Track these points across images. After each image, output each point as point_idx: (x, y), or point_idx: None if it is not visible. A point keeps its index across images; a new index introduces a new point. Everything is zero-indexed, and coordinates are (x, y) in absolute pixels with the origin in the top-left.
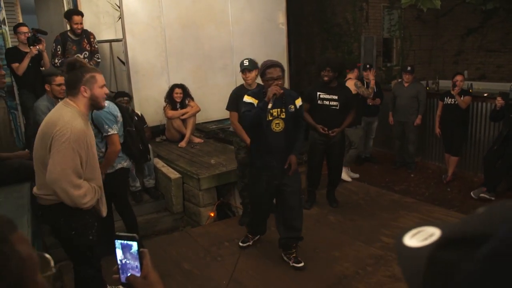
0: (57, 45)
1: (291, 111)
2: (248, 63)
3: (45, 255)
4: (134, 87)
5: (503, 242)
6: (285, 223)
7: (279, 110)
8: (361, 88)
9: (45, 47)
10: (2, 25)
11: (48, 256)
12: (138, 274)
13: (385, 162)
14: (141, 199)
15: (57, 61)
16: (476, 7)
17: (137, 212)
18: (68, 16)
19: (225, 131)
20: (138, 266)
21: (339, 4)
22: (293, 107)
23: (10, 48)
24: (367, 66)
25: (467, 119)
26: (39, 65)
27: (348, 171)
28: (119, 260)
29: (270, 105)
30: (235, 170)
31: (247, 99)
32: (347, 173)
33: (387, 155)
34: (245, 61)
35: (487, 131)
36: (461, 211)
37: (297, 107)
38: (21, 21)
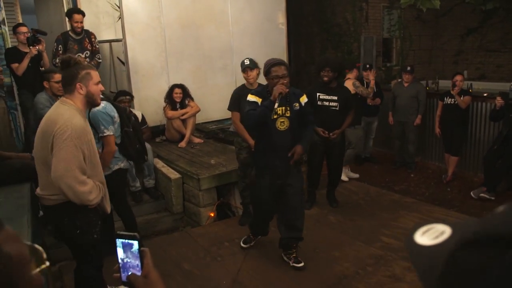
0: (59, 45)
1: (296, 109)
2: (249, 62)
3: (36, 246)
4: (134, 87)
5: None
6: (286, 223)
7: (283, 108)
8: (360, 87)
9: (45, 48)
10: (1, 25)
11: (39, 247)
12: (139, 273)
13: (385, 162)
14: (141, 199)
15: (58, 60)
16: (475, 7)
17: (137, 212)
18: (69, 14)
19: (225, 131)
20: (139, 265)
21: (338, 4)
22: (297, 105)
23: (9, 48)
24: (367, 66)
25: (467, 119)
26: (39, 65)
27: (347, 171)
28: (120, 259)
29: (276, 105)
30: (236, 170)
31: (251, 98)
32: (346, 173)
33: (387, 155)
34: (246, 60)
35: (487, 131)
36: (461, 211)
37: (302, 104)
38: (21, 21)
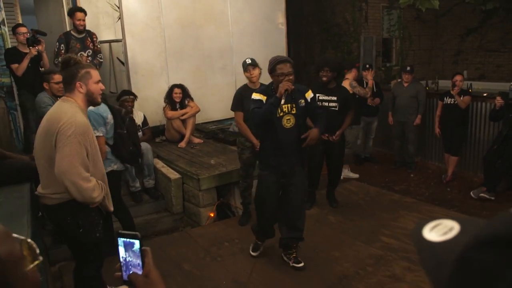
0: (61, 44)
1: (301, 106)
2: (251, 61)
3: (28, 240)
4: (133, 87)
5: None
6: (287, 222)
7: (289, 105)
8: (357, 87)
9: (45, 48)
10: (1, 26)
11: (31, 241)
12: (139, 272)
13: (385, 162)
14: (141, 199)
15: (60, 60)
16: (475, 7)
17: (137, 212)
18: (71, 13)
19: (224, 132)
20: (140, 264)
21: (338, 4)
22: (303, 101)
23: (9, 48)
24: (366, 66)
25: (467, 119)
26: (39, 66)
27: (347, 171)
28: (122, 257)
29: (282, 101)
30: (236, 170)
31: (256, 96)
32: (345, 173)
33: (387, 155)
34: (248, 59)
35: (487, 131)
36: (461, 211)
37: (308, 100)
38: (20, 22)
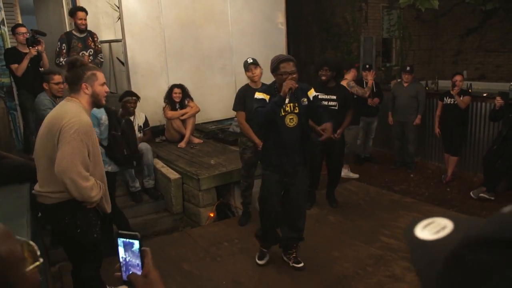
0: (62, 44)
1: (304, 105)
2: (252, 60)
3: (30, 242)
4: (133, 87)
5: None
6: (288, 222)
7: (292, 104)
8: (355, 87)
9: (44, 48)
10: (1, 26)
11: (32, 243)
12: (139, 272)
13: (384, 162)
14: (141, 199)
15: (62, 59)
16: (475, 7)
17: (136, 212)
18: (72, 12)
19: (224, 132)
20: (139, 264)
21: (338, 4)
22: (306, 100)
23: (9, 48)
24: (366, 66)
25: (467, 119)
26: (38, 66)
27: (347, 171)
28: (122, 258)
29: (287, 100)
30: (236, 170)
31: (259, 95)
32: (345, 173)
33: (386, 155)
34: (249, 59)
35: (487, 131)
36: (460, 211)
37: (311, 98)
38: (20, 22)
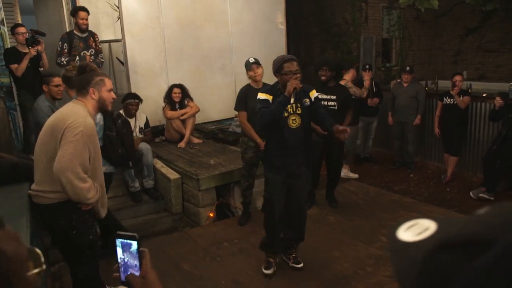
0: (64, 43)
1: (306, 105)
2: (254, 60)
3: (36, 249)
4: (133, 87)
5: (506, 251)
6: (289, 223)
7: (294, 105)
8: (352, 88)
9: (44, 48)
10: (1, 26)
11: (38, 251)
12: (137, 273)
13: (384, 162)
14: (140, 199)
15: (63, 59)
16: (475, 7)
17: (136, 212)
18: (74, 12)
19: (224, 132)
20: (137, 265)
21: (338, 4)
22: (308, 100)
23: (8, 48)
24: (366, 66)
25: (466, 119)
26: (38, 66)
27: (347, 171)
28: (120, 258)
29: (292, 100)
30: (236, 170)
31: (262, 96)
32: (345, 173)
33: (386, 155)
34: (251, 59)
35: (486, 131)
36: (460, 211)
37: (312, 99)
38: (20, 22)
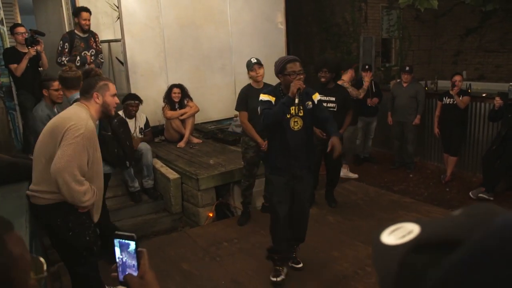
0: (65, 43)
1: (308, 108)
2: (256, 60)
3: (40, 258)
4: (132, 87)
5: (473, 250)
6: (291, 223)
7: (296, 108)
8: (349, 88)
9: (43, 48)
10: (0, 26)
11: (42, 259)
12: (135, 273)
13: (384, 162)
14: (140, 199)
15: (64, 58)
16: (475, 8)
17: (136, 212)
18: (76, 12)
19: (224, 131)
20: (135, 265)
21: (338, 4)
22: (310, 103)
23: (8, 48)
24: (366, 67)
25: (466, 119)
26: (37, 66)
27: (346, 171)
28: (118, 258)
29: (296, 101)
30: (235, 170)
31: (264, 97)
32: (344, 173)
33: (386, 155)
34: (253, 59)
35: (486, 131)
36: None
37: (315, 102)
38: (19, 22)
